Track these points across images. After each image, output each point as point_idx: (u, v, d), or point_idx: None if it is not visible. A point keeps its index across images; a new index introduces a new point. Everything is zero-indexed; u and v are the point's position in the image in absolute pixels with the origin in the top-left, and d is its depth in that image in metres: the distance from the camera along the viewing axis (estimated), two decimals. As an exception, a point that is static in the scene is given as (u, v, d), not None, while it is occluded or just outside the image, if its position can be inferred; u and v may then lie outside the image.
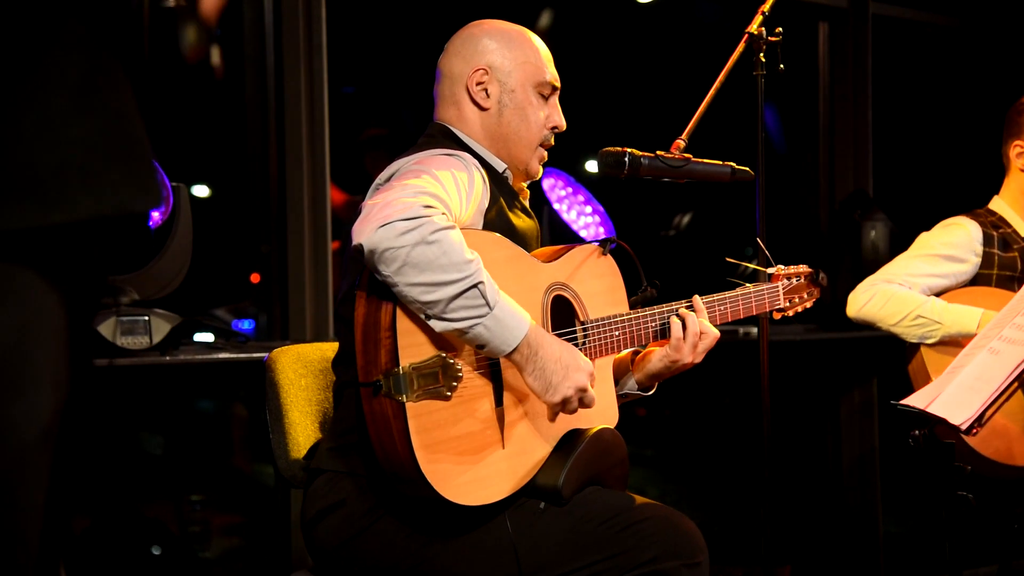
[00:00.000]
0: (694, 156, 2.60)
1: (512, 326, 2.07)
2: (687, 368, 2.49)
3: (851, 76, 5.03)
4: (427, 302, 2.01)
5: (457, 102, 2.44)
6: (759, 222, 2.83)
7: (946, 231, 3.48)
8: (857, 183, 4.98)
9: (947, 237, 3.46)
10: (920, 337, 3.32)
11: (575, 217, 4.21)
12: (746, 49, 2.83)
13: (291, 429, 2.47)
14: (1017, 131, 3.50)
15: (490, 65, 2.42)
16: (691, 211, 5.16)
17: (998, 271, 3.42)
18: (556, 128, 2.49)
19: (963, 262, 3.42)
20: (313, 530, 2.26)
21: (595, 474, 2.27)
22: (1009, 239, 3.46)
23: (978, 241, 3.43)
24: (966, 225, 3.47)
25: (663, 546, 2.17)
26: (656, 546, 2.16)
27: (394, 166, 2.24)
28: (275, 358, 2.51)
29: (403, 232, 1.96)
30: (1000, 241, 3.45)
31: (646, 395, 2.57)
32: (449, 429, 2.10)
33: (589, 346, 2.37)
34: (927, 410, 2.43)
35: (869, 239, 4.58)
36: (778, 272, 2.80)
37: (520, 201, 2.47)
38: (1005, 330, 2.50)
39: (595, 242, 2.47)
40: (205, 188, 4.27)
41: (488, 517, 2.17)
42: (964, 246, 3.43)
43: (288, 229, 3.81)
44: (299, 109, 3.77)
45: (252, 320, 4.13)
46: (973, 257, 3.43)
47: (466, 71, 2.42)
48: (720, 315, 2.60)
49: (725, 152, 2.71)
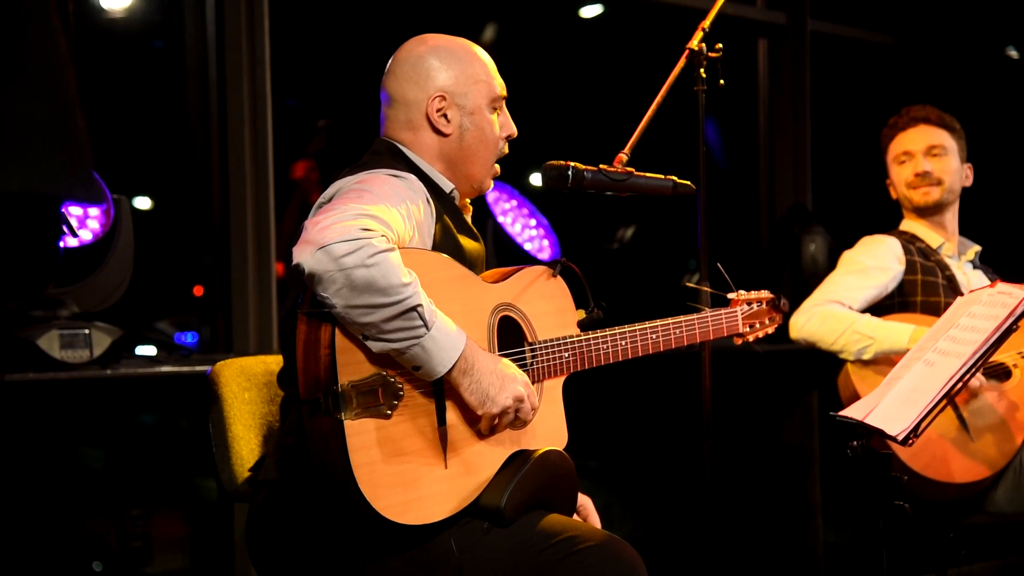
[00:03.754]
0: (636, 170, 2.62)
1: (448, 347, 2.08)
2: None
3: (790, 92, 5.11)
4: (364, 323, 2.02)
5: (414, 128, 2.42)
6: (700, 235, 2.87)
7: (868, 246, 3.63)
8: (796, 197, 5.06)
9: (870, 250, 3.60)
10: (857, 353, 3.40)
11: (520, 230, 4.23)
12: (687, 65, 2.87)
13: (234, 443, 2.45)
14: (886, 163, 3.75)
15: (445, 89, 2.40)
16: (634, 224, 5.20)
17: (922, 276, 3.54)
18: (510, 136, 2.50)
19: (888, 270, 3.55)
20: (258, 543, 2.25)
21: (541, 496, 2.26)
22: (926, 250, 3.62)
23: (899, 250, 3.58)
24: (884, 239, 3.64)
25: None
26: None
27: (337, 185, 2.24)
28: (218, 371, 2.50)
29: (342, 255, 1.97)
30: (918, 251, 3.60)
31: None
32: (389, 447, 2.09)
33: (537, 367, 2.38)
34: (865, 421, 2.47)
35: (808, 253, 4.64)
36: (738, 297, 2.82)
37: (467, 223, 2.47)
38: (940, 342, 2.55)
39: (544, 263, 2.47)
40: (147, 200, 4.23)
41: (431, 536, 2.16)
42: (887, 256, 3.56)
43: (231, 241, 3.79)
44: (242, 121, 3.76)
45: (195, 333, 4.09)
46: (897, 265, 3.56)
47: (422, 98, 2.40)
48: (676, 340, 2.61)
49: (667, 166, 2.74)
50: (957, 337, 2.52)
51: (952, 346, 2.51)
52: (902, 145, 3.68)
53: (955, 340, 2.52)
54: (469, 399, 2.15)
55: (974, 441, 3.28)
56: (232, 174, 3.78)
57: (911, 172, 3.64)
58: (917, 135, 3.66)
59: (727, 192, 5.23)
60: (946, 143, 3.63)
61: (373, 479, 2.07)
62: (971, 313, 2.56)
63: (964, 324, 2.55)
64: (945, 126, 3.66)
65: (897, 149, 3.70)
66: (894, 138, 3.71)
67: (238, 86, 3.76)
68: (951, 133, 3.66)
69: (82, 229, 3.19)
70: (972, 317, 2.55)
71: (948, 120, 3.67)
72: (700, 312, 2.70)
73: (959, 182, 3.67)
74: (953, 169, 3.64)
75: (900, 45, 5.48)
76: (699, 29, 2.89)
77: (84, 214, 3.19)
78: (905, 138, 3.68)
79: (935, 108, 3.69)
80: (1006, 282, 2.65)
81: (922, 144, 3.64)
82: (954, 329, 2.56)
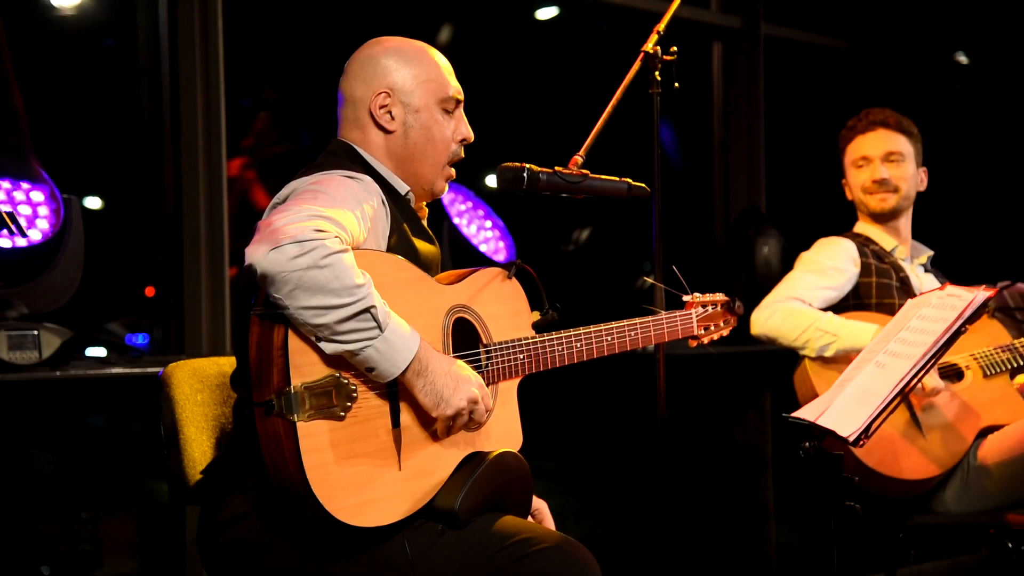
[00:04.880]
0: (591, 172, 2.63)
1: (402, 348, 2.08)
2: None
3: (744, 95, 5.14)
4: (317, 325, 2.01)
5: (361, 126, 2.43)
6: (655, 238, 2.88)
7: (825, 247, 3.65)
8: (750, 200, 5.09)
9: (827, 251, 3.62)
10: (818, 350, 3.41)
11: (475, 232, 4.23)
12: (642, 67, 2.88)
13: (187, 445, 2.43)
14: (843, 166, 3.76)
15: (391, 87, 2.41)
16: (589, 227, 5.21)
17: (877, 279, 3.57)
18: (465, 140, 2.50)
19: (845, 272, 3.57)
20: (210, 546, 2.24)
21: (496, 498, 2.26)
22: (880, 252, 3.64)
23: (855, 252, 3.60)
24: (840, 241, 3.66)
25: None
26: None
27: (292, 185, 2.23)
28: (171, 373, 2.48)
29: (294, 256, 1.96)
30: (872, 254, 3.61)
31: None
32: (342, 450, 2.09)
33: (492, 369, 2.38)
34: (817, 422, 2.49)
35: (762, 255, 4.68)
36: (692, 299, 2.83)
37: (423, 225, 2.46)
38: (891, 344, 2.57)
39: (500, 265, 2.47)
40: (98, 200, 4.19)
41: (385, 538, 2.16)
42: (844, 257, 3.58)
43: (184, 242, 3.76)
44: (195, 120, 3.73)
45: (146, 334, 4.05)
46: (852, 267, 3.58)
47: (367, 94, 2.41)
48: (631, 342, 2.62)
49: (622, 169, 2.75)
50: (907, 339, 2.55)
51: (903, 348, 2.53)
52: (860, 149, 3.69)
53: (905, 342, 2.54)
54: (423, 400, 2.15)
55: (925, 439, 3.31)
56: (185, 174, 3.75)
57: (868, 178, 3.66)
58: (875, 140, 3.66)
59: (681, 194, 5.26)
60: (904, 149, 3.65)
61: (326, 481, 2.06)
62: (921, 315, 2.59)
63: (914, 326, 2.57)
64: (903, 131, 3.67)
65: (855, 153, 3.70)
66: (852, 140, 3.71)
67: (191, 85, 3.73)
68: (908, 138, 3.67)
69: (31, 229, 3.14)
70: (922, 319, 2.57)
71: (906, 124, 3.68)
72: (656, 314, 2.71)
73: (915, 187, 3.69)
74: (910, 175, 3.66)
75: (853, 50, 5.54)
76: (654, 32, 2.90)
77: (34, 213, 3.15)
78: (863, 142, 3.68)
79: (894, 112, 3.70)
80: (956, 285, 2.68)
81: (880, 150, 3.65)
82: (904, 331, 2.58)
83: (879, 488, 3.31)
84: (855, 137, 3.70)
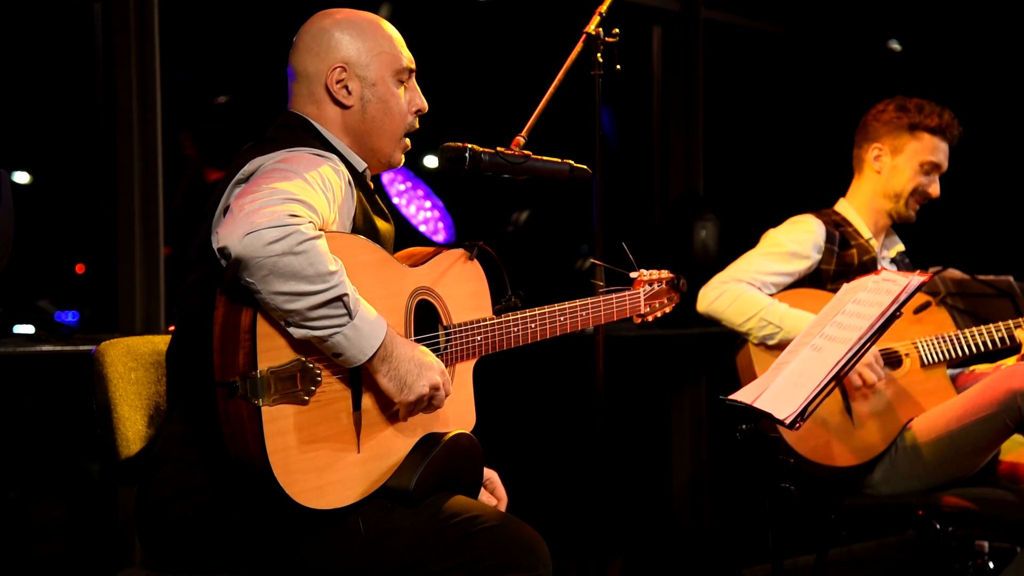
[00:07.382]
0: (533, 153, 2.62)
1: (369, 335, 2.07)
2: None
3: (683, 79, 5.16)
4: (289, 310, 2.00)
5: (317, 101, 2.39)
6: (596, 219, 2.88)
7: (794, 228, 3.60)
8: (688, 183, 5.12)
9: (794, 234, 3.57)
10: (762, 338, 3.42)
11: (414, 212, 4.21)
12: (584, 49, 2.87)
13: (120, 424, 2.39)
14: (875, 135, 3.62)
15: (347, 61, 2.38)
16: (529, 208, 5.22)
17: (836, 267, 3.56)
18: (420, 111, 2.48)
19: (806, 259, 3.54)
20: (155, 520, 2.20)
21: (449, 479, 2.29)
22: (848, 236, 3.60)
23: (821, 238, 3.56)
24: (811, 223, 3.59)
25: (504, 555, 2.20)
26: (497, 555, 2.19)
27: (256, 162, 2.19)
28: (104, 351, 2.43)
29: (270, 241, 1.94)
30: (840, 239, 3.58)
31: None
32: (304, 433, 2.09)
33: (451, 350, 2.38)
34: (754, 405, 2.51)
35: (700, 238, 4.71)
36: (640, 277, 2.84)
37: (379, 203, 2.45)
38: (827, 328, 2.59)
39: (462, 246, 2.46)
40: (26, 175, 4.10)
41: (340, 518, 2.16)
42: (808, 243, 3.54)
43: (119, 218, 3.69)
44: (130, 95, 3.66)
45: (76, 312, 3.98)
46: (815, 254, 3.55)
47: (323, 69, 2.38)
48: (583, 321, 2.63)
49: (563, 150, 2.75)
50: (843, 323, 2.58)
51: (838, 332, 2.56)
52: (936, 153, 3.57)
53: (841, 326, 2.57)
54: (387, 386, 2.15)
55: (856, 428, 3.35)
56: (120, 149, 3.68)
57: (929, 189, 3.59)
58: (947, 153, 3.59)
59: (620, 177, 5.27)
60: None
61: (288, 465, 2.06)
62: (857, 300, 2.61)
63: (850, 310, 2.60)
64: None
65: (929, 154, 3.56)
66: (931, 135, 3.56)
67: (126, 58, 3.66)
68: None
69: (-41, 203, 3.07)
70: (858, 304, 2.60)
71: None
72: (606, 293, 2.71)
73: None
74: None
75: (791, 35, 5.58)
76: (596, 13, 2.89)
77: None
78: (943, 148, 3.58)
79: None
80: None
81: (946, 165, 3.59)
82: (840, 315, 2.61)
83: (812, 472, 3.35)
84: (936, 137, 3.57)
